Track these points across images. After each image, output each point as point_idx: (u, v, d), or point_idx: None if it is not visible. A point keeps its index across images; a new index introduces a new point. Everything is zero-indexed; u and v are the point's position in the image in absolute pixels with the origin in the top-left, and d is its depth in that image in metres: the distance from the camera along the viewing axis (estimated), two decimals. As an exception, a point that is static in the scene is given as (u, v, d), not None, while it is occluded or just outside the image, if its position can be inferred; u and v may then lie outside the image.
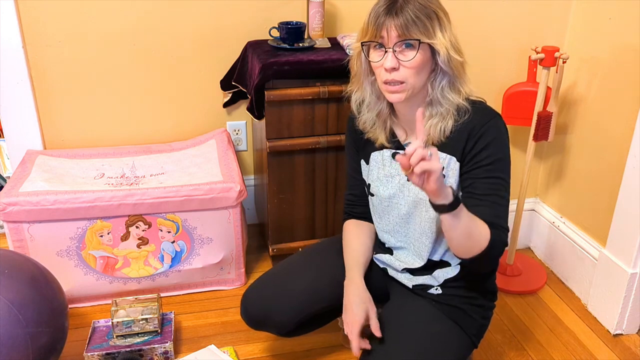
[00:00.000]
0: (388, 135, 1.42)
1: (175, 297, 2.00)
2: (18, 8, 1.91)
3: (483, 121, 1.31)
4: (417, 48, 1.25)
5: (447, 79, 1.30)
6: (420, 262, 1.43)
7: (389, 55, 1.26)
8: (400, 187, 1.40)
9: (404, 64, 1.26)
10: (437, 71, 1.30)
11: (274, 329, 1.56)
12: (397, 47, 1.25)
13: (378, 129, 1.42)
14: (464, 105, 1.32)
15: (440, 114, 1.32)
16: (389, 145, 1.42)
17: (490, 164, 1.30)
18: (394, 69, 1.26)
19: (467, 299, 1.43)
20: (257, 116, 1.87)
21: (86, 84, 2.06)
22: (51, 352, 1.50)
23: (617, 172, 1.86)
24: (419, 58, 1.26)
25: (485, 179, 1.30)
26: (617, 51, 1.86)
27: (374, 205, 1.49)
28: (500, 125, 1.33)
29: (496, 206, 1.30)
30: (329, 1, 2.05)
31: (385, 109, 1.40)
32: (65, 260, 1.85)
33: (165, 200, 1.82)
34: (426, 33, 1.25)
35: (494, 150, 1.30)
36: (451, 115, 1.32)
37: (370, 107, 1.41)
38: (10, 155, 2.09)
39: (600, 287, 1.93)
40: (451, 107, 1.32)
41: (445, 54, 1.27)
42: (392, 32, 1.25)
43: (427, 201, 1.33)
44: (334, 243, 1.63)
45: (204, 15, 2.04)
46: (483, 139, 1.30)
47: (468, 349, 1.45)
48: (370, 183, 1.47)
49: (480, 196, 1.30)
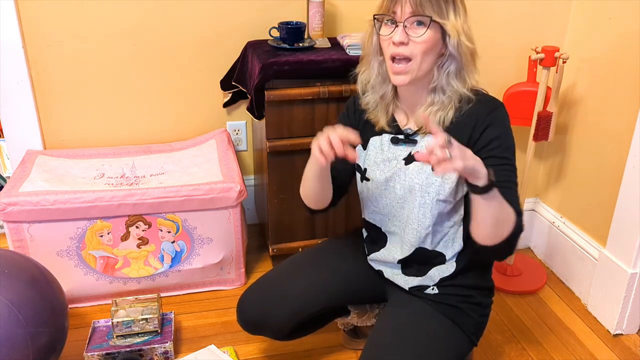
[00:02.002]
0: (389, 119, 1.41)
1: (175, 297, 2.00)
2: (18, 8, 1.91)
3: (489, 109, 1.32)
4: (427, 25, 1.25)
5: (454, 65, 1.30)
6: (410, 248, 1.42)
7: (399, 30, 1.25)
8: (397, 171, 1.39)
9: (414, 39, 1.25)
10: (445, 55, 1.29)
11: (270, 333, 1.56)
12: (408, 23, 1.25)
13: (380, 112, 1.41)
14: (467, 94, 1.32)
15: (441, 102, 1.32)
16: (388, 129, 1.41)
17: (502, 151, 1.31)
18: (402, 43, 1.25)
19: (464, 298, 1.43)
20: (257, 116, 1.87)
21: (86, 84, 2.06)
22: (51, 352, 1.50)
23: (617, 172, 1.86)
24: (428, 35, 1.25)
25: (499, 166, 1.29)
26: (617, 51, 1.86)
27: (368, 189, 1.46)
28: (505, 114, 1.34)
29: (512, 192, 1.29)
30: (329, 1, 2.05)
31: (390, 92, 1.39)
32: (65, 260, 1.85)
33: (165, 200, 1.82)
34: (439, 13, 1.25)
35: (504, 139, 1.31)
36: (453, 105, 1.32)
37: (375, 89, 1.40)
38: (10, 155, 2.09)
39: (600, 287, 1.93)
40: (454, 95, 1.31)
41: (456, 38, 1.26)
42: (406, 8, 1.24)
43: (423, 187, 1.33)
44: (330, 246, 1.63)
45: (204, 15, 2.04)
46: (492, 128, 1.31)
47: (467, 348, 1.45)
48: (367, 168, 1.45)
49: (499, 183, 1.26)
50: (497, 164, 1.29)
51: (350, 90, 1.84)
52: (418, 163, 1.35)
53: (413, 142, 1.38)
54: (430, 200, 1.34)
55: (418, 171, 1.35)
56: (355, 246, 1.60)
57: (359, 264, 1.56)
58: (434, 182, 1.33)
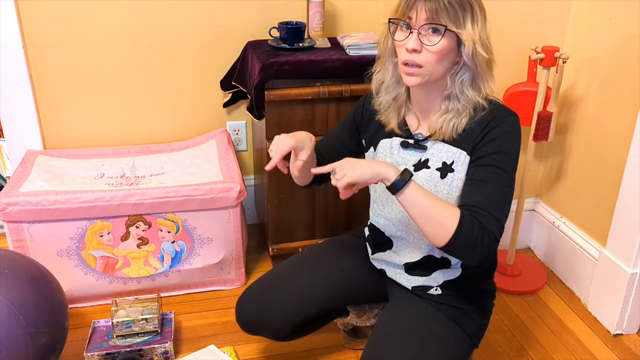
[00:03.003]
0: (400, 121, 1.40)
1: (175, 297, 2.00)
2: (18, 8, 1.91)
3: (499, 118, 1.29)
4: (442, 34, 1.23)
5: (468, 74, 1.27)
6: (419, 254, 1.42)
7: (413, 36, 1.24)
8: None
9: (427, 48, 1.24)
10: (460, 64, 1.27)
11: (269, 334, 1.55)
12: (423, 30, 1.23)
13: (392, 114, 1.40)
14: (481, 104, 1.29)
15: (456, 110, 1.30)
16: (399, 132, 1.40)
17: (494, 153, 1.28)
18: (415, 50, 1.24)
19: (467, 300, 1.43)
20: (257, 116, 1.87)
21: (86, 84, 2.06)
22: (51, 352, 1.50)
23: (617, 172, 1.86)
24: (442, 44, 1.23)
25: (485, 166, 1.28)
26: (617, 51, 1.86)
27: (376, 192, 1.47)
28: (515, 123, 1.31)
29: (487, 193, 1.25)
30: (329, 1, 2.05)
31: (403, 94, 1.38)
32: (65, 260, 1.85)
33: (165, 200, 1.82)
34: (455, 22, 1.22)
35: (501, 143, 1.28)
36: (467, 113, 1.30)
37: (388, 90, 1.39)
38: (10, 155, 2.09)
39: (600, 287, 1.93)
40: (469, 104, 1.29)
41: (471, 47, 1.24)
42: (422, 14, 1.22)
43: None
44: (328, 246, 1.63)
45: (204, 15, 2.04)
46: (494, 131, 1.28)
47: (468, 349, 1.45)
48: None
49: (475, 182, 1.27)
50: (483, 164, 1.28)
51: (350, 90, 1.84)
52: (427, 170, 1.35)
53: (423, 148, 1.37)
54: None
55: (427, 179, 1.34)
56: (355, 246, 1.60)
57: (360, 263, 1.56)
58: (441, 191, 1.33)
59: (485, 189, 1.25)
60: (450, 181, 1.32)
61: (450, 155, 1.33)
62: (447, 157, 1.33)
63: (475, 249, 1.21)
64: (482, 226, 1.21)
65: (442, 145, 1.34)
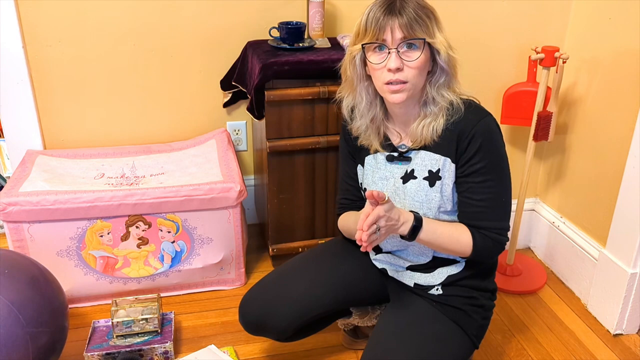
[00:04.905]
0: (382, 140, 1.42)
1: (175, 297, 2.00)
2: (18, 8, 1.91)
3: (473, 122, 1.31)
4: (421, 48, 1.25)
5: (444, 78, 1.31)
6: (425, 259, 1.44)
7: (392, 56, 1.25)
8: (396, 190, 1.40)
9: (408, 64, 1.26)
10: (434, 71, 1.31)
11: (272, 335, 1.55)
12: (400, 48, 1.25)
13: (372, 135, 1.42)
14: (456, 103, 1.33)
15: (433, 114, 1.33)
16: (382, 150, 1.42)
17: (484, 167, 1.31)
18: (398, 69, 1.26)
19: (468, 300, 1.43)
20: (257, 116, 1.87)
21: (86, 84, 2.06)
22: (51, 352, 1.50)
23: (617, 172, 1.86)
24: (423, 58, 1.26)
25: (480, 183, 1.32)
26: (617, 51, 1.86)
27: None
28: (490, 124, 1.33)
29: (490, 210, 1.33)
30: (329, 1, 2.05)
31: (379, 113, 1.40)
32: (65, 260, 1.85)
33: (165, 200, 1.82)
34: (428, 32, 1.26)
35: (485, 153, 1.31)
36: (443, 113, 1.33)
37: (363, 114, 1.40)
38: (10, 155, 2.09)
39: (600, 287, 1.93)
40: (445, 104, 1.32)
41: (445, 53, 1.28)
42: (397, 33, 1.24)
43: (424, 204, 1.36)
44: (330, 247, 1.63)
45: (204, 15, 2.04)
46: (474, 141, 1.30)
47: (469, 350, 1.45)
48: (366, 187, 1.47)
49: (477, 201, 1.33)
50: (478, 181, 1.32)
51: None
52: (415, 181, 1.37)
53: (407, 159, 1.39)
54: (433, 214, 1.36)
55: (416, 190, 1.36)
56: (356, 246, 1.60)
57: (361, 264, 1.56)
58: (434, 198, 1.35)
59: (486, 207, 1.33)
60: (440, 188, 1.35)
61: (435, 163, 1.35)
62: (431, 165, 1.35)
63: (492, 255, 1.42)
64: (493, 240, 1.35)
65: (424, 154, 1.36)
